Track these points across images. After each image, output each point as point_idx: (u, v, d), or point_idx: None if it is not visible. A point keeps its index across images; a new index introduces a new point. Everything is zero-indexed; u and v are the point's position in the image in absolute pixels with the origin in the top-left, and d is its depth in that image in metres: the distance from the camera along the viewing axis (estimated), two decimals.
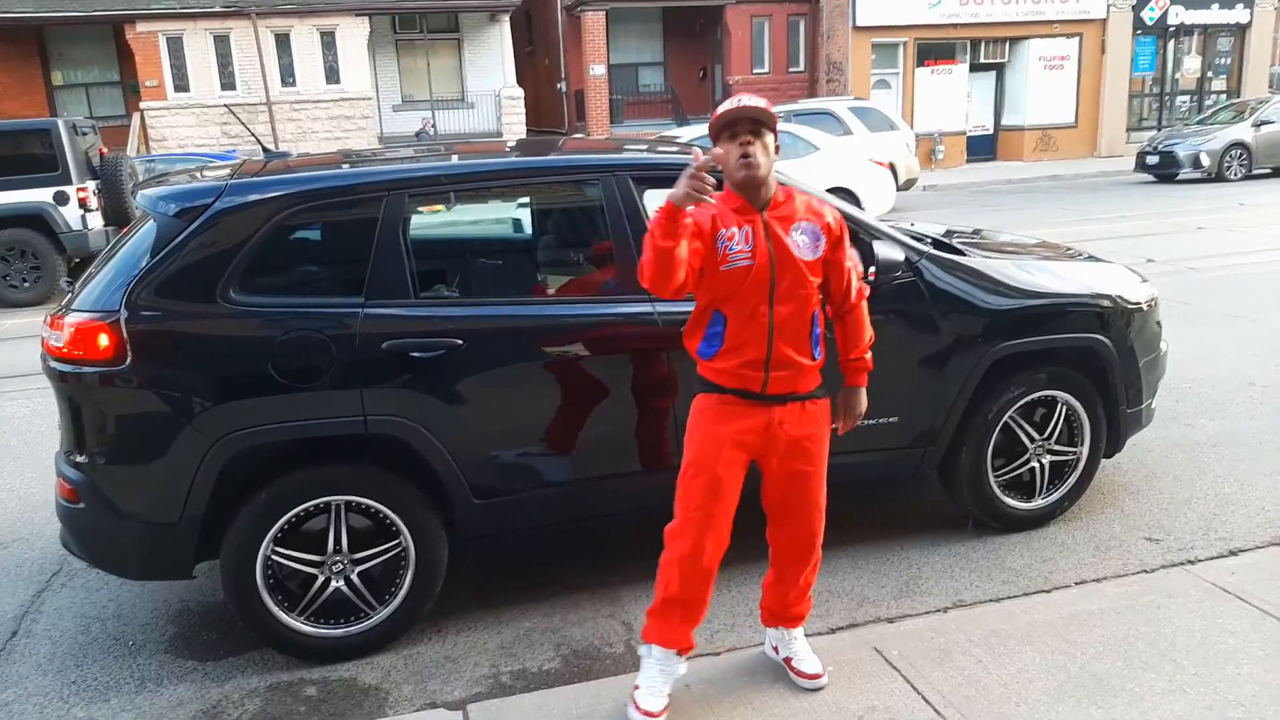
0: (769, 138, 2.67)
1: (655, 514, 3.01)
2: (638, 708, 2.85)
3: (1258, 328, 7.33)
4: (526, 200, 4.81)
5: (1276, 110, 18.55)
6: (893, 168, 15.85)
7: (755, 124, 2.64)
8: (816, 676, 3.02)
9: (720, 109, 2.69)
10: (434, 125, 22.71)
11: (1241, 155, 18.17)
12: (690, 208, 2.49)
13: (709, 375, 2.82)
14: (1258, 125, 18.30)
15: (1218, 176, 17.98)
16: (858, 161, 13.45)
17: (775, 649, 3.14)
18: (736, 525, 2.88)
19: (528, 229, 5.03)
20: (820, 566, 3.10)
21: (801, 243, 2.74)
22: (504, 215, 5.38)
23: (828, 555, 3.96)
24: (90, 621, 3.80)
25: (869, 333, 2.98)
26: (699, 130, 13.71)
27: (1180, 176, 18.40)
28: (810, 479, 2.90)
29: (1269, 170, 18.40)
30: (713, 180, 2.46)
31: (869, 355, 2.98)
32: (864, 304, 2.96)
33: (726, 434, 2.79)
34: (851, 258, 2.91)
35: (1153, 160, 18.83)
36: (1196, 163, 18.04)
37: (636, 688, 2.90)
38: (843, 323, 2.96)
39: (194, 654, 3.53)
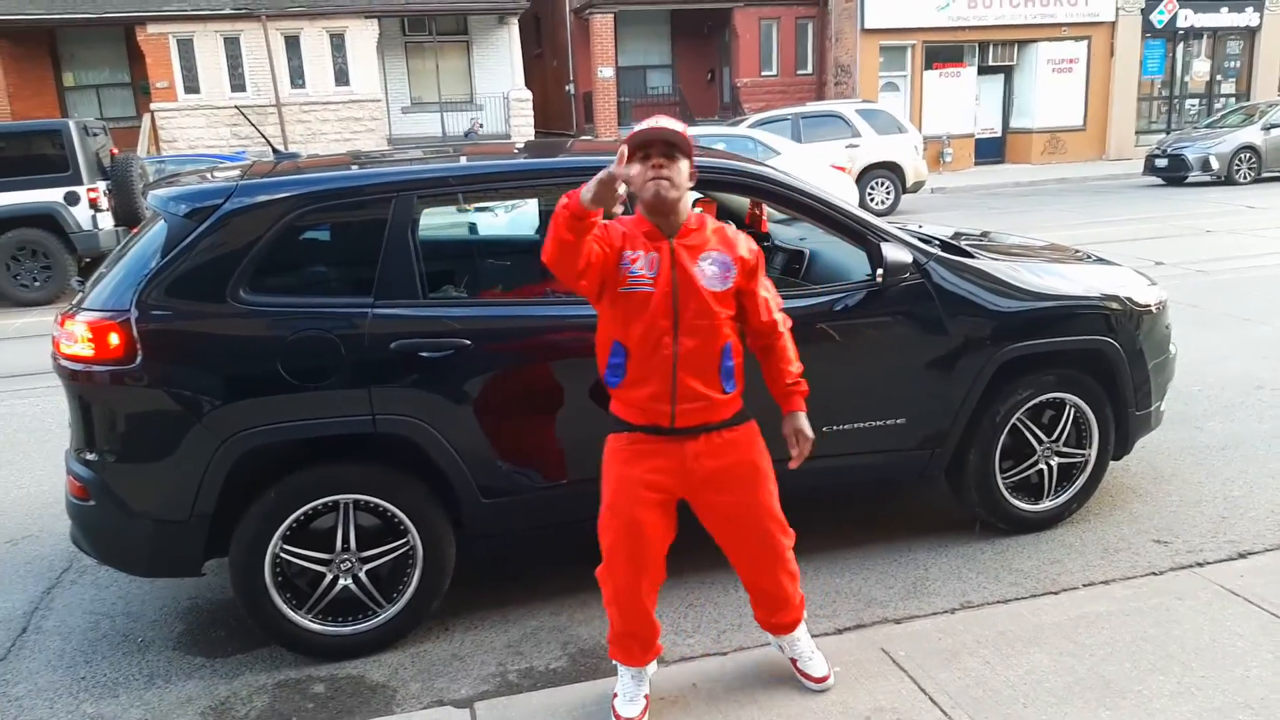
0: (683, 163, 2.59)
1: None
2: (617, 716, 2.88)
3: (1267, 330, 7.30)
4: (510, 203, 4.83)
5: None
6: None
7: (669, 147, 2.56)
8: (823, 679, 3.01)
9: (637, 128, 2.59)
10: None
11: (1251, 158, 18.12)
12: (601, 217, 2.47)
13: (618, 411, 2.74)
14: (1267, 129, 18.24)
15: (1227, 180, 17.93)
16: (817, 167, 13.47)
17: (781, 648, 3.13)
18: None
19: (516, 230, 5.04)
20: (828, 567, 3.10)
21: (710, 272, 2.65)
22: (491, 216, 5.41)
23: (835, 556, 3.98)
24: (100, 618, 3.82)
25: (795, 362, 2.86)
26: (701, 130, 13.76)
27: (1189, 180, 18.35)
28: (746, 509, 2.79)
29: (1279, 173, 18.33)
30: (623, 192, 2.44)
31: (803, 380, 2.86)
32: (787, 335, 2.85)
33: (637, 475, 2.70)
34: (768, 289, 2.81)
35: (1162, 163, 18.79)
36: (1206, 166, 17.99)
37: (616, 695, 2.93)
38: (766, 354, 2.85)
39: (203, 651, 3.55)
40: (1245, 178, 18.04)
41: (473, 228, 5.31)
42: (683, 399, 2.65)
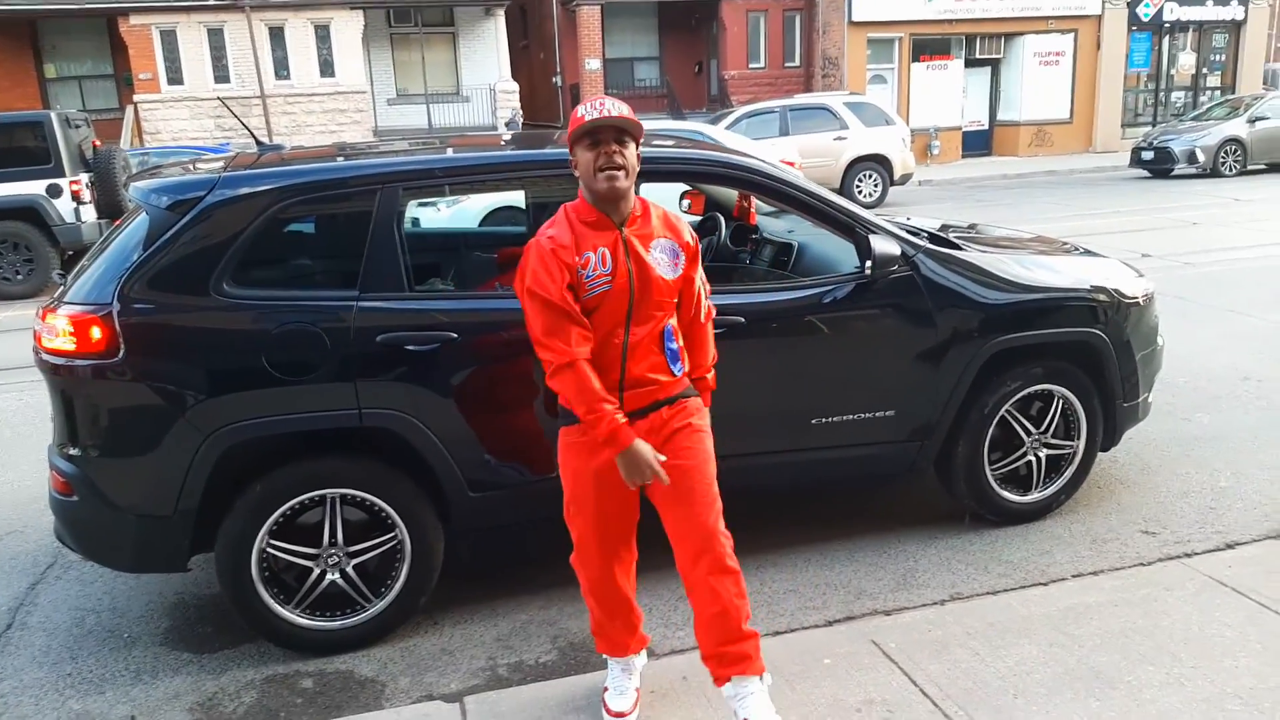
0: (632, 148, 2.53)
1: (651, 506, 2.99)
2: (608, 709, 2.87)
3: (1253, 322, 7.34)
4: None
5: (1271, 106, 18.58)
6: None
7: (620, 133, 2.49)
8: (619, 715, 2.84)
9: (582, 113, 2.50)
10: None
11: (1236, 151, 18.20)
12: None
13: (567, 404, 2.63)
14: (1253, 121, 18.33)
15: (1213, 172, 18.02)
16: (767, 159, 13.35)
17: (735, 712, 2.73)
18: (736, 522, 2.87)
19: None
20: (818, 560, 3.09)
21: (662, 260, 2.59)
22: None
23: (824, 549, 3.98)
24: (85, 614, 3.79)
25: (712, 351, 2.83)
26: (649, 124, 13.66)
27: (1175, 172, 18.43)
28: (692, 473, 2.64)
29: (1264, 166, 18.43)
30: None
31: (711, 375, 2.83)
32: (710, 324, 2.81)
33: (594, 468, 2.64)
34: (700, 276, 2.76)
35: (1148, 156, 18.86)
36: (1192, 158, 18.07)
37: (606, 689, 2.92)
38: (689, 340, 2.75)
39: (189, 646, 3.52)
40: (1231, 170, 18.13)
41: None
42: (630, 386, 2.60)
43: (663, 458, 2.55)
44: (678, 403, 2.68)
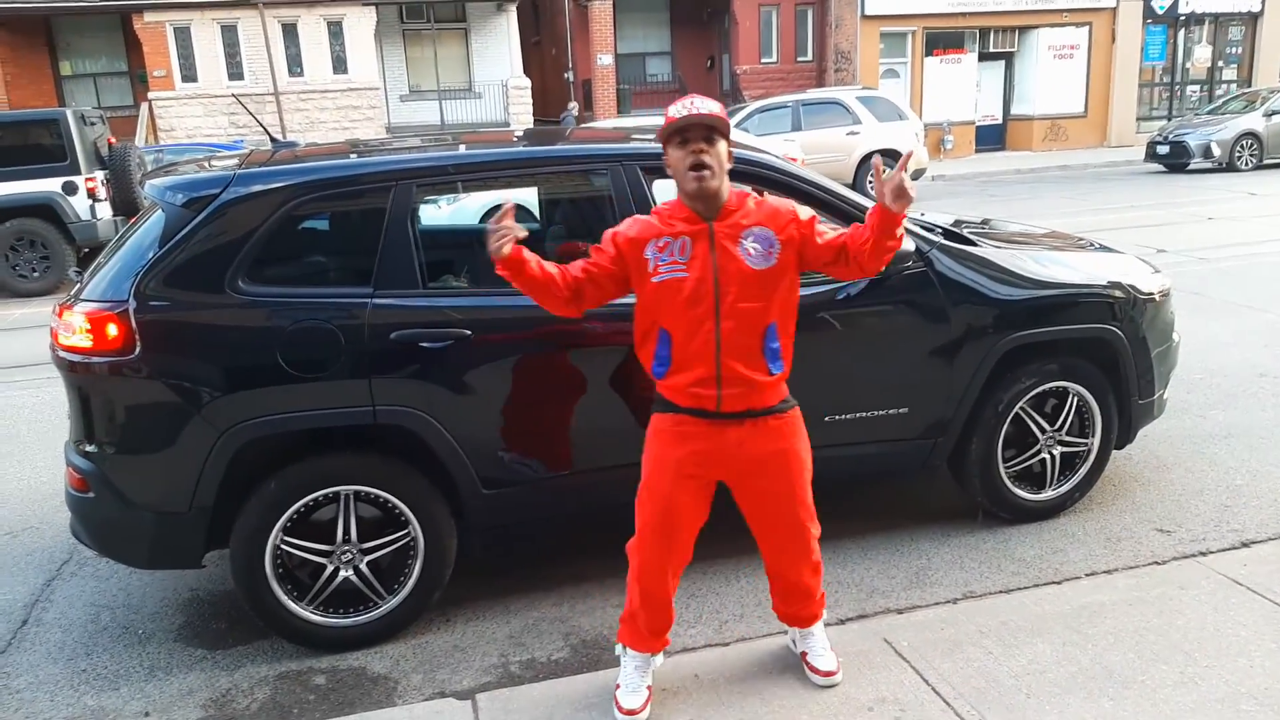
0: (722, 145, 2.56)
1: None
2: (619, 707, 2.87)
3: (1269, 318, 7.28)
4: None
5: None
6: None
7: (709, 130, 2.53)
8: (830, 674, 2.98)
9: (672, 112, 2.55)
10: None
11: (1252, 145, 18.06)
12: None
13: (665, 393, 2.74)
14: (1269, 115, 18.18)
15: (1229, 166, 17.88)
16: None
17: (793, 641, 3.13)
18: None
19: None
20: (830, 557, 3.09)
21: (754, 251, 2.61)
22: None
23: (837, 546, 3.97)
24: (100, 610, 3.81)
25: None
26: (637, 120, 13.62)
27: (1191, 166, 18.30)
28: (782, 497, 2.78)
29: None
30: (520, 232, 2.54)
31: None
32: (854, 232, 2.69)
33: (678, 457, 2.70)
34: (827, 225, 2.75)
35: (1163, 150, 18.74)
36: (1207, 152, 17.94)
37: (618, 686, 2.92)
38: (857, 253, 2.66)
39: (203, 643, 3.54)
40: (1247, 164, 17.99)
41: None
42: (728, 383, 2.63)
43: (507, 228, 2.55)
44: (776, 417, 2.72)
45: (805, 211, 2.75)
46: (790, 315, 2.76)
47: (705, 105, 2.54)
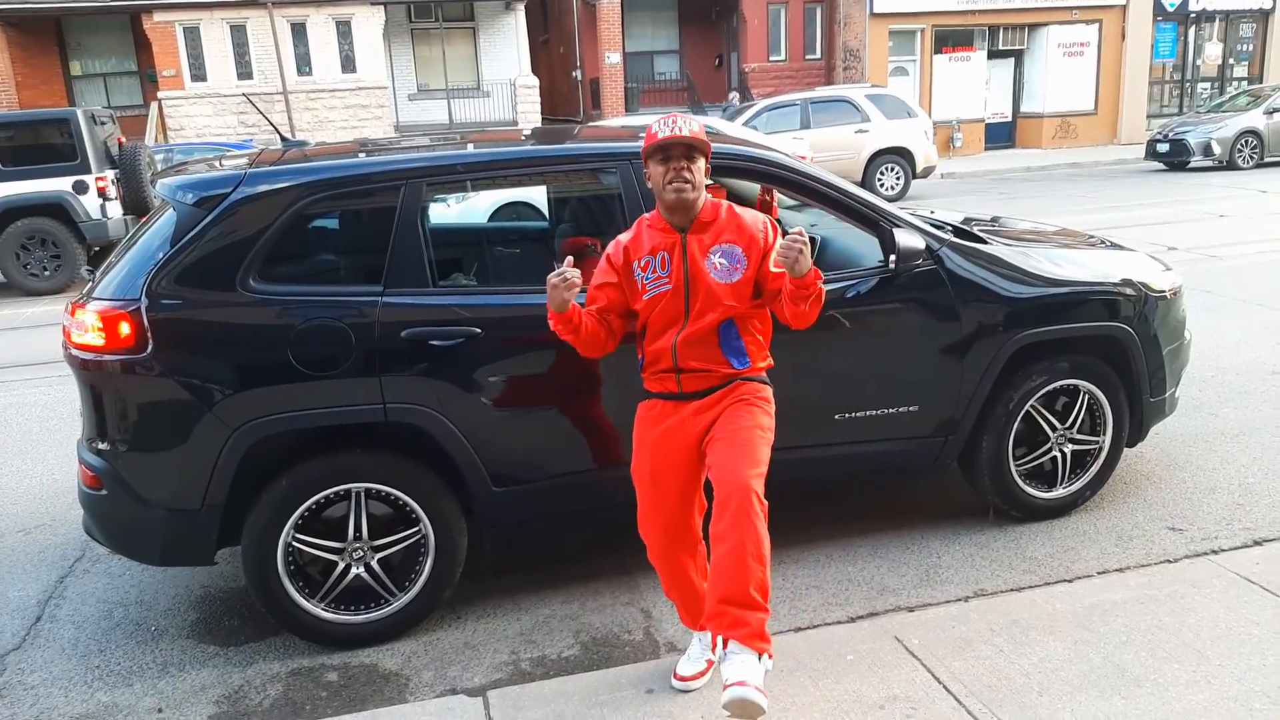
0: (701, 163, 2.70)
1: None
2: (675, 674, 3.01)
3: None
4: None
5: None
6: (910, 155, 15.80)
7: (689, 149, 2.67)
8: (692, 679, 2.99)
9: (655, 130, 2.70)
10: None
11: (1253, 143, 17.95)
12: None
13: (644, 384, 2.94)
14: (1270, 113, 18.05)
15: (1229, 164, 17.78)
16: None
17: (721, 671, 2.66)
18: None
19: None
20: (841, 555, 3.08)
21: (720, 265, 2.75)
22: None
23: (848, 544, 3.97)
24: (113, 607, 3.83)
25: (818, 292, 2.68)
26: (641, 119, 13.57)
27: (1191, 165, 18.21)
28: (730, 435, 2.70)
29: None
30: (577, 283, 2.68)
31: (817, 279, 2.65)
32: (806, 304, 2.68)
33: (654, 436, 2.86)
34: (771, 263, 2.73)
35: (1163, 148, 18.63)
36: (1207, 150, 17.83)
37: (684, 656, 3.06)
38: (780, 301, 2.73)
39: (216, 639, 3.55)
40: (1247, 162, 17.89)
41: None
42: (686, 373, 2.80)
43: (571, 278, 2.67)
44: (734, 384, 2.81)
45: (774, 236, 2.78)
46: (762, 315, 2.87)
47: (688, 126, 2.68)
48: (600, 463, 3.53)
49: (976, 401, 3.83)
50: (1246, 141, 17.92)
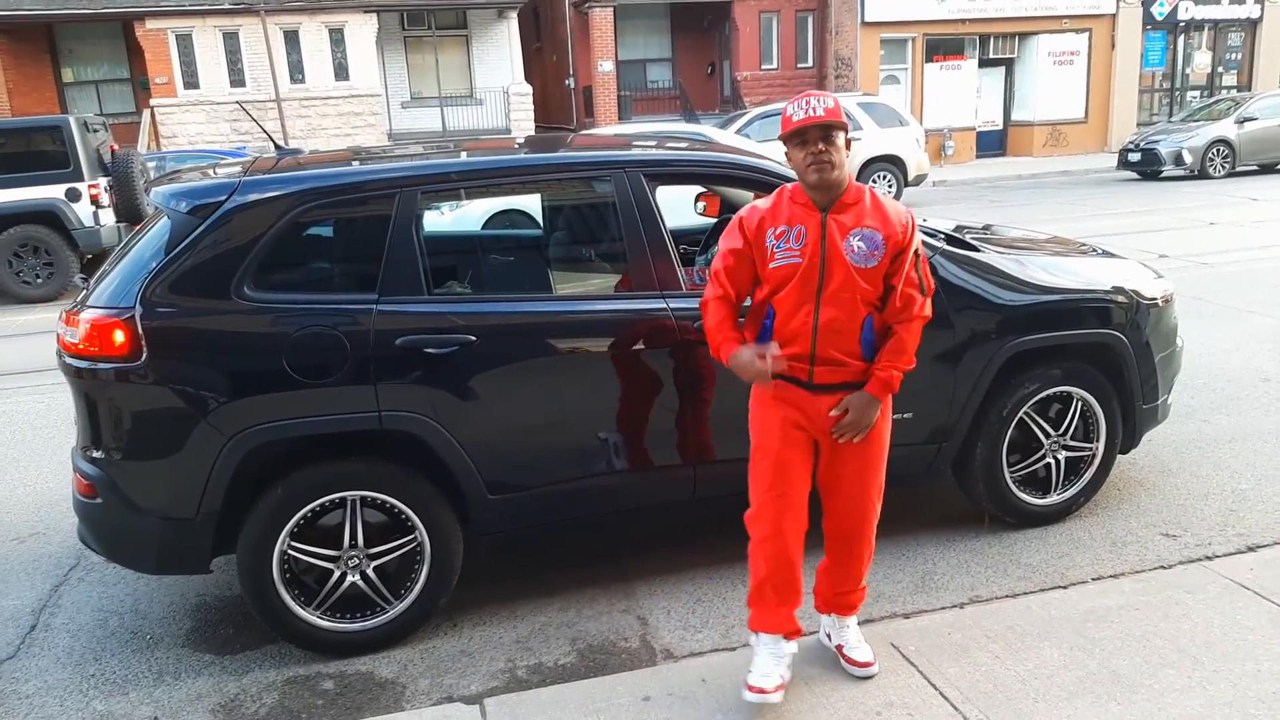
0: (839, 138, 2.64)
1: (669, 509, 3.01)
2: (749, 686, 2.86)
3: (1272, 323, 7.29)
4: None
5: (1260, 107, 18.33)
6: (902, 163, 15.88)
7: (826, 129, 2.62)
8: (867, 665, 3.05)
9: (790, 112, 2.65)
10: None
11: (1224, 152, 17.97)
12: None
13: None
14: (1241, 122, 18.08)
15: (1200, 173, 17.83)
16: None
17: (829, 635, 3.17)
18: None
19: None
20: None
21: (857, 249, 2.69)
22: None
23: None
24: (108, 615, 3.82)
25: (904, 355, 2.79)
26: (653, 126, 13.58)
27: (1163, 174, 18.26)
28: (860, 468, 2.90)
29: (1254, 167, 18.26)
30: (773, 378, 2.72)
31: (897, 373, 2.77)
32: (914, 325, 2.78)
33: (781, 415, 2.83)
34: (919, 269, 2.79)
35: (1135, 157, 18.61)
36: (1179, 160, 17.84)
37: (750, 671, 2.90)
38: (886, 334, 2.80)
39: (211, 648, 3.54)
40: (1219, 171, 17.92)
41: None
42: (820, 363, 2.76)
43: (773, 353, 2.69)
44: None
45: (918, 237, 2.82)
46: None
47: (822, 106, 2.63)
48: (596, 470, 3.53)
49: (970, 408, 3.85)
50: (1218, 151, 17.94)
